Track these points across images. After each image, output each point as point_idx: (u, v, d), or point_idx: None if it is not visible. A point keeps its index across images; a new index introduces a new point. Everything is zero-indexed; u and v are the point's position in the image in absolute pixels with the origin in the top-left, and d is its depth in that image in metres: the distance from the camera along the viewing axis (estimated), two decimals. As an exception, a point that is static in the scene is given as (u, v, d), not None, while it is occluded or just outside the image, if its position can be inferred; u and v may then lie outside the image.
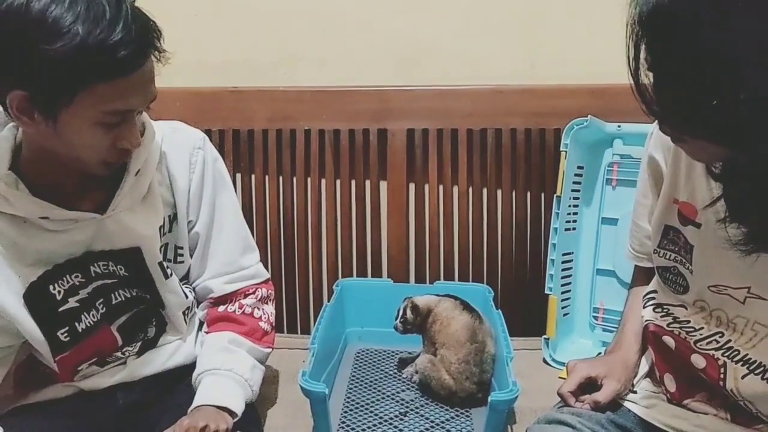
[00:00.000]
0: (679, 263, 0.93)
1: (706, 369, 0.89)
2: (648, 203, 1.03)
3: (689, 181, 0.90)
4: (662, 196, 0.95)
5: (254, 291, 1.15)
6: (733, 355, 0.87)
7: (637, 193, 1.07)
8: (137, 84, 0.87)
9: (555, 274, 1.44)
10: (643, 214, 1.05)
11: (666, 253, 0.95)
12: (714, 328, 0.90)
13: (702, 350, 0.90)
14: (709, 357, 0.89)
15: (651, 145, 0.98)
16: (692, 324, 0.92)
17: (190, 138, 1.11)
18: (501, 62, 1.61)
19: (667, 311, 0.96)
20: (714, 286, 0.89)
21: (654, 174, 0.99)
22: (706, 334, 0.90)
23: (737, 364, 0.86)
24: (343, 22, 1.62)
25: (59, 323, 0.99)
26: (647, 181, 1.01)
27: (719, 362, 0.88)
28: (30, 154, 0.94)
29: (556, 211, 1.44)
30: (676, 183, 0.92)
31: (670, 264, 0.95)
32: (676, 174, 0.92)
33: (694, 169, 0.89)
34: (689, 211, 0.90)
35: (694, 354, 0.91)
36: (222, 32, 1.65)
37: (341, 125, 1.61)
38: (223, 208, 1.13)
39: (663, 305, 0.97)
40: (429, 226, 1.63)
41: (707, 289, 0.90)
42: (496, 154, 1.59)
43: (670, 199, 0.93)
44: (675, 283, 0.95)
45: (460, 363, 1.22)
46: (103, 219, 0.98)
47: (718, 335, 0.89)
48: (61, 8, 0.80)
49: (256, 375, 1.09)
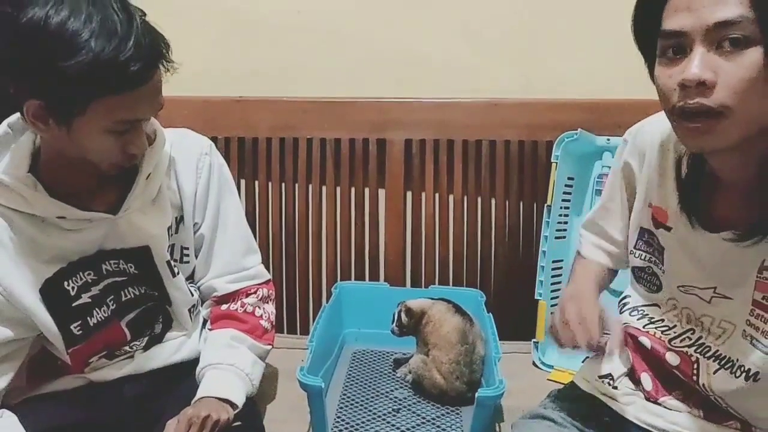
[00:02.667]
0: (653, 264, 0.97)
1: (680, 366, 0.93)
2: (615, 207, 1.06)
3: (661, 187, 0.94)
4: (638, 199, 0.99)
5: (256, 291, 1.19)
6: (704, 352, 0.90)
7: (603, 197, 1.10)
8: (146, 95, 0.91)
9: (545, 281, 1.48)
10: (605, 217, 1.08)
11: (641, 254, 0.99)
12: (686, 325, 0.93)
13: (676, 348, 0.94)
14: (683, 354, 0.92)
15: (627, 152, 1.02)
16: (666, 323, 0.96)
17: (197, 144, 1.15)
18: (496, 77, 1.65)
19: (643, 313, 0.99)
20: (682, 287, 0.93)
21: (628, 179, 1.02)
22: (679, 332, 0.94)
23: (709, 360, 0.89)
24: (346, 37, 1.67)
25: (72, 317, 1.03)
26: (618, 186, 1.05)
27: (692, 359, 0.91)
28: (47, 158, 0.99)
29: (547, 219, 1.48)
30: (649, 188, 0.97)
31: (645, 264, 0.99)
32: (650, 180, 0.96)
33: (665, 176, 0.93)
34: (661, 215, 0.93)
35: (669, 352, 0.94)
36: (229, 45, 1.70)
37: (342, 135, 1.66)
38: (228, 211, 1.17)
39: (638, 308, 1.00)
40: (425, 232, 1.68)
41: (677, 289, 0.93)
42: (491, 164, 1.63)
43: (645, 203, 0.97)
44: (649, 282, 0.98)
45: (450, 363, 1.26)
46: (115, 219, 1.03)
47: (690, 332, 0.92)
48: (78, 24, 0.84)
49: (257, 370, 1.13)
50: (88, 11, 0.85)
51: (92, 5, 0.86)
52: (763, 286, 0.83)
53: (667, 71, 0.77)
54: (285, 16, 1.68)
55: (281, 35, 1.69)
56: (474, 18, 1.64)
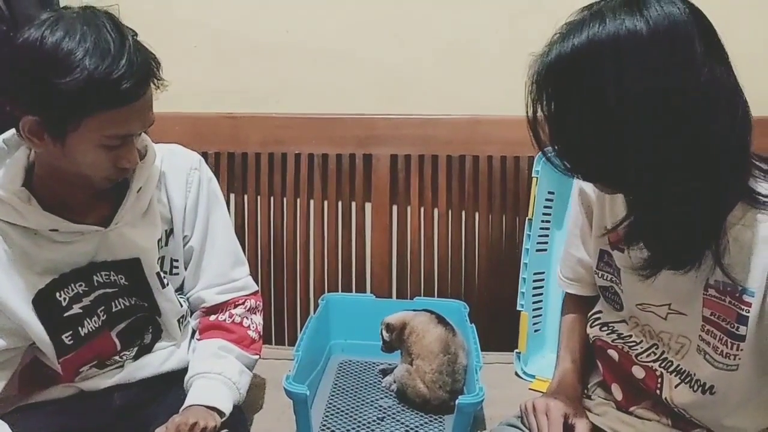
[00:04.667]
0: (614, 283, 1.01)
1: (645, 379, 0.96)
2: (577, 232, 1.10)
3: (612, 209, 0.98)
4: (595, 224, 1.03)
5: (243, 302, 1.22)
6: (667, 366, 0.93)
7: (569, 223, 1.14)
8: (137, 111, 0.95)
9: (527, 292, 1.51)
10: (574, 243, 1.12)
11: (603, 274, 1.03)
12: (649, 341, 0.96)
13: (642, 362, 0.96)
14: (648, 368, 0.96)
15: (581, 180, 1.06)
16: (633, 339, 0.99)
17: (187, 159, 1.18)
18: (479, 94, 1.69)
19: (612, 329, 1.02)
20: (640, 305, 0.96)
21: (585, 204, 1.06)
22: (645, 347, 0.97)
23: (671, 375, 0.93)
24: (333, 55, 1.71)
25: (64, 328, 1.06)
26: (578, 212, 1.08)
27: (657, 373, 0.94)
28: (41, 172, 1.02)
29: (528, 233, 1.51)
30: (602, 211, 1.01)
31: (608, 284, 1.02)
32: (603, 204, 1.00)
33: (615, 199, 0.97)
34: (614, 237, 0.96)
35: (635, 366, 0.97)
36: (219, 62, 1.74)
37: (329, 150, 1.69)
38: (216, 224, 1.20)
39: (608, 323, 1.03)
40: (410, 245, 1.71)
41: (635, 307, 0.97)
42: (474, 179, 1.67)
43: (600, 226, 1.01)
44: (613, 302, 1.02)
45: (433, 373, 1.29)
46: (106, 232, 1.05)
47: (654, 347, 0.96)
48: (72, 44, 0.88)
49: (244, 379, 1.16)
50: (82, 31, 0.89)
51: (86, 26, 0.90)
52: (710, 303, 0.86)
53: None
54: (274, 36, 1.71)
55: (270, 54, 1.72)
56: (457, 38, 1.69)
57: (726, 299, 0.84)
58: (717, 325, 0.86)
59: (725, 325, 0.85)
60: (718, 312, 0.85)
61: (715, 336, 0.86)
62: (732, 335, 0.84)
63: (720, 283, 0.84)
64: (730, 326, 0.84)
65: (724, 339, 0.85)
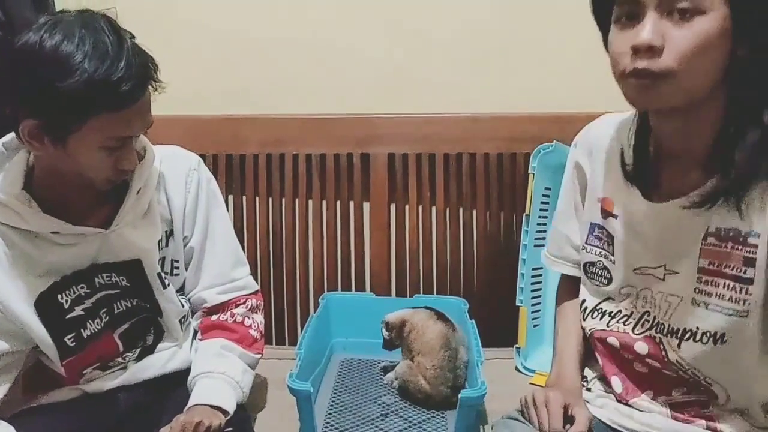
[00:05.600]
0: (603, 257, 1.02)
1: (650, 351, 0.96)
2: (569, 210, 1.12)
3: (608, 177, 1.00)
4: (588, 197, 1.05)
5: (245, 301, 1.22)
6: (661, 329, 0.94)
7: (559, 201, 1.16)
8: (136, 113, 0.95)
9: (525, 288, 1.51)
10: (563, 219, 1.14)
11: (592, 249, 1.04)
12: (641, 309, 0.97)
13: (640, 335, 0.97)
14: (648, 339, 0.96)
15: (577, 154, 1.09)
16: (624, 312, 1.00)
17: (186, 161, 1.19)
18: (475, 92, 1.71)
19: (602, 311, 1.03)
20: (637, 269, 0.97)
21: (580, 180, 1.08)
22: (636, 318, 0.98)
23: (668, 337, 0.93)
24: (330, 56, 1.72)
25: (66, 330, 1.06)
26: (572, 189, 1.10)
27: (656, 340, 0.95)
28: (41, 175, 1.02)
29: (526, 228, 1.51)
30: (597, 182, 1.03)
31: (596, 258, 1.03)
32: (597, 174, 1.02)
33: (611, 165, 1.00)
34: (608, 205, 0.99)
35: (637, 342, 0.97)
36: (217, 64, 1.75)
37: (327, 150, 1.70)
38: (216, 224, 1.21)
39: (596, 308, 1.04)
40: (409, 243, 1.72)
41: (633, 273, 0.98)
42: (471, 176, 1.68)
43: (594, 198, 1.03)
44: (600, 276, 1.03)
45: (435, 369, 1.30)
46: (107, 234, 1.06)
47: (646, 314, 0.97)
48: (71, 47, 0.88)
49: (247, 378, 1.16)
50: (80, 35, 0.89)
51: (84, 29, 0.90)
52: (709, 253, 0.88)
53: (620, 36, 0.84)
54: (270, 37, 1.72)
55: (267, 55, 1.73)
56: (454, 37, 1.70)
57: (728, 245, 0.86)
58: (719, 273, 0.87)
59: (730, 271, 0.86)
60: (719, 260, 0.87)
61: (718, 284, 0.88)
62: (740, 279, 0.86)
63: (721, 230, 0.87)
64: (737, 271, 0.86)
65: (731, 285, 0.87)
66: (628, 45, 0.81)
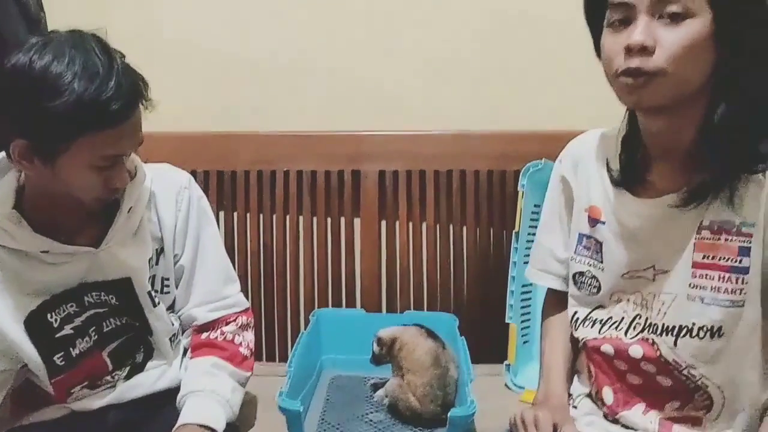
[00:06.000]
0: (591, 266, 1.03)
1: (645, 354, 0.96)
2: (555, 223, 1.13)
3: (594, 188, 1.02)
4: (575, 209, 1.07)
5: (235, 319, 1.22)
6: (655, 330, 0.95)
7: (543, 214, 1.17)
8: (127, 132, 0.96)
9: (515, 304, 1.52)
10: (548, 233, 1.15)
11: (581, 258, 1.05)
12: (632, 313, 0.98)
13: (633, 340, 0.97)
14: (642, 341, 0.97)
15: (562, 168, 1.10)
16: (615, 318, 1.00)
17: (176, 179, 1.19)
18: (465, 110, 1.72)
19: (593, 320, 1.04)
20: (626, 273, 0.98)
21: (566, 193, 1.10)
22: (629, 322, 0.99)
23: (662, 336, 0.94)
24: (321, 74, 1.73)
25: (55, 348, 1.06)
26: (557, 202, 1.12)
27: (649, 341, 0.96)
28: (31, 194, 1.03)
29: (515, 246, 1.52)
30: (583, 193, 1.05)
31: (585, 268, 1.04)
32: (582, 186, 1.05)
33: (596, 178, 1.02)
34: (596, 213, 1.02)
35: (631, 346, 0.98)
36: (207, 81, 1.75)
37: (318, 167, 1.71)
38: (206, 242, 1.21)
39: (587, 317, 1.05)
40: (399, 259, 1.72)
41: (621, 278, 0.99)
42: (461, 193, 1.69)
43: (581, 209, 1.05)
44: (589, 286, 1.04)
45: (425, 387, 1.29)
46: (97, 252, 1.06)
47: (638, 317, 0.98)
48: (61, 67, 0.89)
49: (237, 396, 1.16)
50: (70, 55, 0.90)
51: (74, 49, 0.91)
52: (702, 246, 0.90)
53: (613, 38, 0.87)
54: (262, 54, 1.74)
55: (258, 72, 1.74)
56: (444, 56, 1.72)
57: (722, 237, 0.89)
58: (713, 266, 0.89)
59: (725, 262, 0.89)
60: (714, 253, 0.89)
61: (713, 278, 0.90)
62: (736, 270, 0.88)
63: (715, 223, 0.89)
64: (733, 261, 0.88)
65: (727, 276, 0.89)
66: (622, 45, 0.85)
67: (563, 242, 1.13)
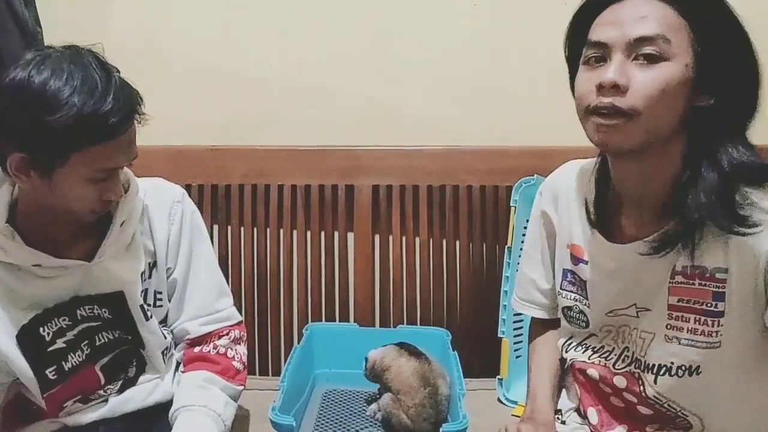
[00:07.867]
0: (578, 302, 1.04)
1: (628, 386, 0.97)
2: (536, 255, 1.14)
3: (574, 226, 1.03)
4: (558, 243, 1.08)
5: (228, 332, 1.22)
6: (638, 365, 0.96)
7: (526, 245, 1.18)
8: (123, 145, 0.97)
9: (507, 319, 1.52)
10: (529, 264, 1.16)
11: (567, 294, 1.06)
12: (621, 346, 0.99)
13: (619, 371, 0.99)
14: (627, 374, 0.98)
15: (543, 202, 1.11)
16: (606, 348, 1.01)
17: (170, 193, 1.20)
18: (459, 126, 1.74)
19: (586, 346, 1.05)
20: (610, 312, 0.99)
21: (547, 227, 1.11)
22: (617, 354, 0.99)
23: (645, 372, 0.95)
24: (315, 88, 1.75)
25: (48, 362, 1.06)
26: (539, 235, 1.13)
27: (635, 375, 0.96)
28: (25, 208, 1.03)
29: (508, 261, 1.53)
30: (565, 230, 1.05)
31: (572, 303, 1.05)
32: (564, 222, 1.05)
33: (576, 216, 1.02)
34: (578, 252, 1.02)
35: (616, 376, 0.99)
36: (203, 96, 1.76)
37: (312, 181, 1.72)
38: (200, 256, 1.21)
39: (581, 342, 1.06)
40: (392, 274, 1.73)
41: (606, 316, 1.00)
42: (454, 208, 1.70)
43: (563, 245, 1.06)
44: (578, 320, 1.05)
45: (417, 407, 1.28)
46: (89, 266, 1.06)
47: (626, 350, 0.98)
48: (60, 82, 0.90)
49: (229, 411, 1.15)
50: (69, 70, 0.91)
51: (72, 64, 0.92)
52: (677, 290, 0.90)
53: (587, 75, 0.88)
54: (256, 69, 1.75)
55: (253, 87, 1.75)
56: (437, 71, 1.73)
57: (695, 282, 0.88)
58: (688, 309, 0.89)
59: (699, 306, 0.88)
60: (688, 296, 0.89)
61: (688, 320, 0.90)
62: (710, 313, 0.88)
63: (687, 268, 0.89)
64: (707, 306, 0.88)
65: (702, 319, 0.88)
66: (594, 83, 0.85)
67: (544, 275, 1.14)
